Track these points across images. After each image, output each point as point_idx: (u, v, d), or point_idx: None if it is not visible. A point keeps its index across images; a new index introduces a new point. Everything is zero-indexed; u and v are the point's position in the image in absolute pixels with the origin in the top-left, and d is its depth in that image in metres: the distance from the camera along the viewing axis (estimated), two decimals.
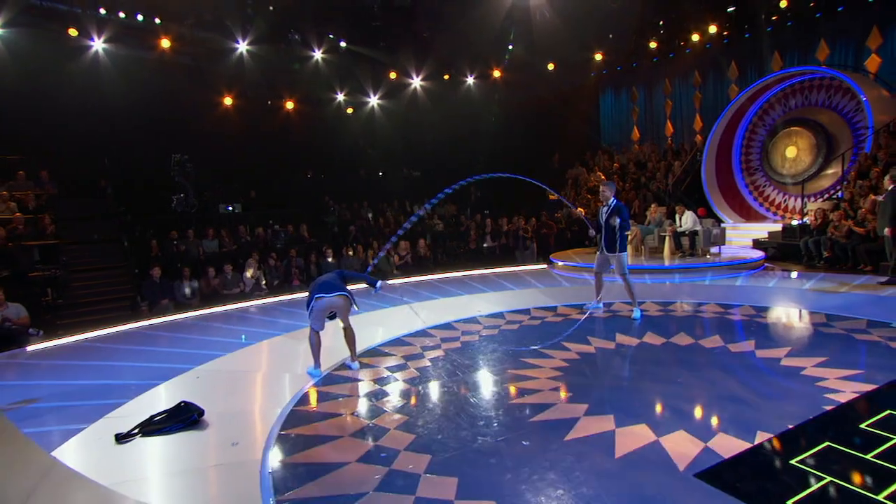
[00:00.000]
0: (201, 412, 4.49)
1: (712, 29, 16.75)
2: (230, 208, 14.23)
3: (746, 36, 16.61)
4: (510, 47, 19.45)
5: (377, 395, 4.85)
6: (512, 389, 4.79)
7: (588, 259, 12.82)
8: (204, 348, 6.88)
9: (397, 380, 5.24)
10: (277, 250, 12.97)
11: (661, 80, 19.42)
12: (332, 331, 5.91)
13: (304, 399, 4.85)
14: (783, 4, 15.00)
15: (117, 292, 11.09)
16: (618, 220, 6.91)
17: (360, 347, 5.96)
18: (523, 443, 3.73)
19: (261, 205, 15.55)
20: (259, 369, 6.00)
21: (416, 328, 7.18)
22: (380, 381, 5.24)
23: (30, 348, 7.85)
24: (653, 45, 18.41)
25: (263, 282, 11.41)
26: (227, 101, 17.01)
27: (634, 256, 12.36)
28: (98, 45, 14.40)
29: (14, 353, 7.61)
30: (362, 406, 4.64)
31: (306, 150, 18.29)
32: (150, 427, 4.33)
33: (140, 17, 14.88)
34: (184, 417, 4.40)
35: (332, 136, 18.87)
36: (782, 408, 4.03)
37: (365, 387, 5.10)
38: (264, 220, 14.43)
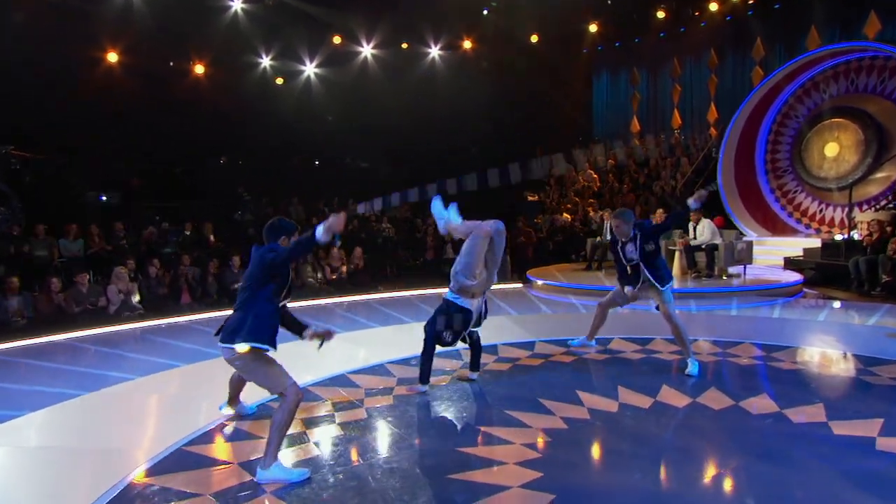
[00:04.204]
0: None
1: None
2: (103, 198, 12.50)
3: (776, 7, 15.82)
4: (485, 12, 18.32)
5: None
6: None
7: (574, 278, 11.61)
8: None
9: None
10: (164, 256, 11.32)
11: (669, 59, 18.59)
12: None
13: None
14: None
15: None
16: (653, 245, 5.59)
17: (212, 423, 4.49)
18: None
19: (151, 195, 13.85)
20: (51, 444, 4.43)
21: (317, 377, 5.55)
22: None
23: None
24: (660, 14, 17.54)
25: (136, 297, 9.77)
26: (112, 57, 15.23)
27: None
28: None
29: None
30: None
31: (220, 128, 16.63)
32: None
33: None
34: None
35: (255, 112, 17.26)
36: None
37: None
38: (154, 215, 12.76)
